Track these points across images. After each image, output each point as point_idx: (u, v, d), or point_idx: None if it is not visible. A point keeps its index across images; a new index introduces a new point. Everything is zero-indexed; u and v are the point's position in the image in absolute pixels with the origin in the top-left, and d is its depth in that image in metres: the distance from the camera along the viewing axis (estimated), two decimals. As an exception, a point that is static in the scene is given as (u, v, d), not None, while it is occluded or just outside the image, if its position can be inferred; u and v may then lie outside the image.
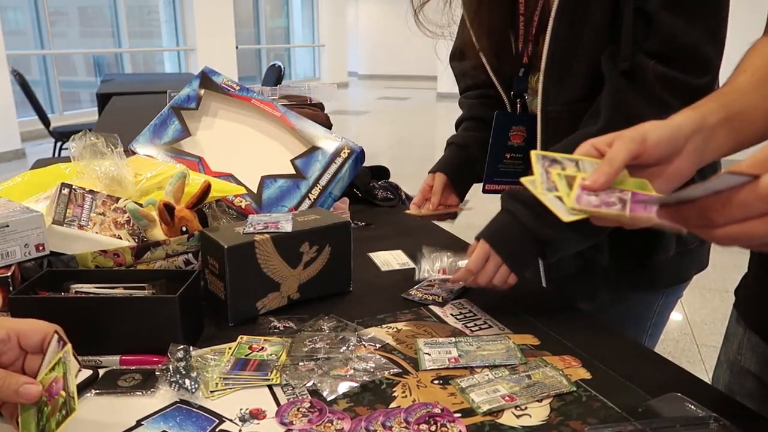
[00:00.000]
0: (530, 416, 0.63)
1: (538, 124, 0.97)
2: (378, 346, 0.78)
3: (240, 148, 1.19)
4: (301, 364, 0.72)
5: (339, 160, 1.15)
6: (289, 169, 1.15)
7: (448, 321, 0.85)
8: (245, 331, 0.81)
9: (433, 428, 0.61)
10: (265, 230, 0.86)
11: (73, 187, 0.90)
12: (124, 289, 0.80)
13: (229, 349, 0.76)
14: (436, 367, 0.72)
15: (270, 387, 0.69)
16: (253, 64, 12.18)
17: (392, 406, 0.65)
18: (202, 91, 1.23)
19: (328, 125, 1.42)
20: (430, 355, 0.75)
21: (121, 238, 0.89)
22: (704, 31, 0.83)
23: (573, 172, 0.58)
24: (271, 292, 0.87)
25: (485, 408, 0.64)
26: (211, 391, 0.68)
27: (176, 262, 0.87)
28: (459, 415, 0.63)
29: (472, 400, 0.65)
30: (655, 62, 0.83)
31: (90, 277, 0.81)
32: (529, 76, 1.04)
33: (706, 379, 0.71)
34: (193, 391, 0.67)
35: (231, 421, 0.63)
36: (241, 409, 0.65)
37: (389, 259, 1.09)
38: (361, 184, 1.45)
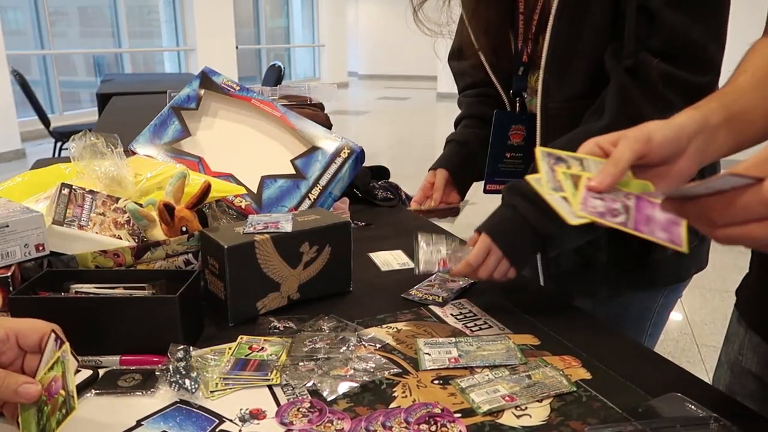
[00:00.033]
0: (530, 416, 0.63)
1: (538, 121, 0.97)
2: (378, 346, 0.78)
3: (240, 148, 1.19)
4: (301, 364, 0.72)
5: (339, 160, 1.15)
6: (289, 169, 1.15)
7: (448, 321, 0.85)
8: (245, 331, 0.81)
9: (434, 428, 0.61)
10: (265, 230, 0.86)
11: (73, 187, 0.90)
12: (124, 289, 0.80)
13: (229, 349, 0.76)
14: (436, 367, 0.72)
15: (270, 387, 0.69)
16: (253, 64, 12.18)
17: (392, 406, 0.65)
18: (202, 91, 1.23)
19: (328, 125, 1.42)
20: (430, 355, 0.75)
21: (121, 238, 0.89)
22: (707, 29, 0.83)
23: (578, 171, 0.58)
24: (271, 292, 0.87)
25: (485, 408, 0.64)
26: (211, 391, 0.68)
27: (176, 262, 0.87)
28: (459, 415, 0.63)
29: (473, 400, 0.65)
30: (658, 60, 0.83)
31: (90, 277, 0.81)
32: (528, 74, 1.04)
33: (706, 379, 0.71)
34: (193, 391, 0.67)
35: (231, 421, 0.63)
36: (241, 409, 0.65)
37: (389, 259, 1.09)
38: (361, 184, 1.45)
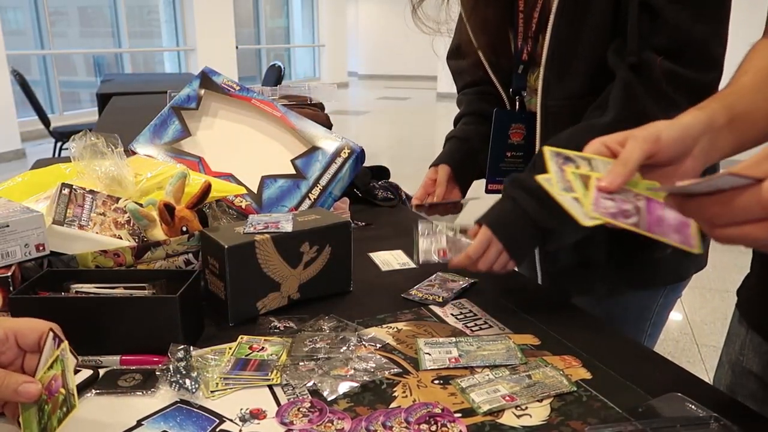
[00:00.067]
0: (530, 416, 0.63)
1: (538, 119, 0.97)
2: (378, 346, 0.78)
3: (240, 148, 1.19)
4: (301, 364, 0.72)
5: (339, 160, 1.15)
6: (289, 169, 1.15)
7: (449, 321, 0.85)
8: (245, 331, 0.81)
9: (434, 428, 0.61)
10: (265, 230, 0.86)
11: (74, 187, 0.90)
12: (125, 289, 0.80)
13: (230, 349, 0.76)
14: (437, 367, 0.72)
15: (270, 387, 0.69)
16: (253, 64, 12.18)
17: (393, 406, 0.65)
18: (202, 91, 1.23)
19: (328, 125, 1.42)
20: (430, 355, 0.75)
21: (121, 238, 0.89)
22: (710, 26, 0.83)
23: (587, 171, 0.57)
24: (272, 292, 0.87)
25: (485, 408, 0.64)
26: (212, 391, 0.68)
27: (176, 262, 0.87)
28: (459, 415, 0.63)
29: (473, 400, 0.65)
30: (662, 58, 0.83)
31: (90, 277, 0.81)
32: (528, 73, 1.04)
33: (706, 379, 0.71)
34: (194, 391, 0.67)
35: (231, 421, 0.63)
36: (242, 409, 0.65)
37: (389, 259, 1.09)
38: (361, 184, 1.45)
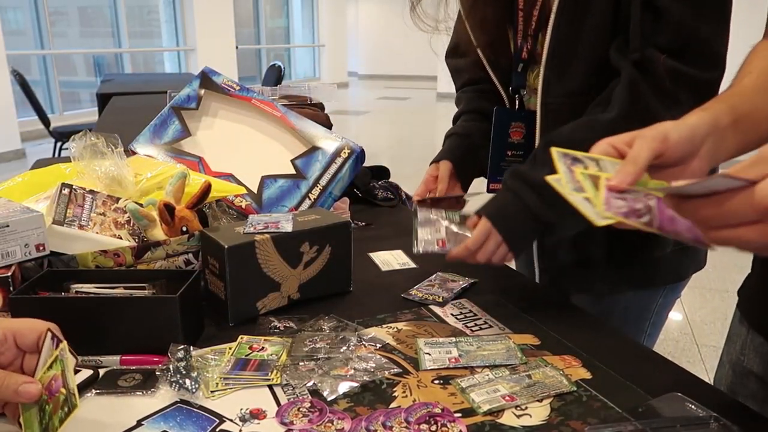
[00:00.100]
0: (530, 416, 0.63)
1: (538, 118, 0.97)
2: (378, 346, 0.78)
3: (240, 148, 1.19)
4: (301, 364, 0.72)
5: (339, 160, 1.15)
6: (289, 169, 1.15)
7: (449, 321, 0.85)
8: (245, 331, 0.81)
9: (434, 428, 0.61)
10: (265, 230, 0.86)
11: (74, 187, 0.90)
12: (125, 289, 0.80)
13: (230, 349, 0.76)
14: (437, 367, 0.72)
15: (270, 387, 0.69)
16: (253, 64, 12.18)
17: (393, 406, 0.65)
18: (202, 91, 1.23)
19: (328, 125, 1.42)
20: (430, 355, 0.75)
21: (121, 238, 0.89)
22: (713, 24, 0.83)
23: (596, 172, 0.57)
24: (272, 292, 0.87)
25: (485, 408, 0.64)
26: (212, 391, 0.68)
27: (176, 262, 0.87)
28: (459, 415, 0.63)
29: (473, 400, 0.65)
30: (665, 56, 0.83)
31: (90, 277, 0.81)
32: (527, 71, 1.04)
33: (706, 379, 0.71)
34: (194, 391, 0.67)
35: (231, 421, 0.63)
36: (242, 409, 0.65)
37: (389, 259, 1.09)
38: (361, 184, 1.45)
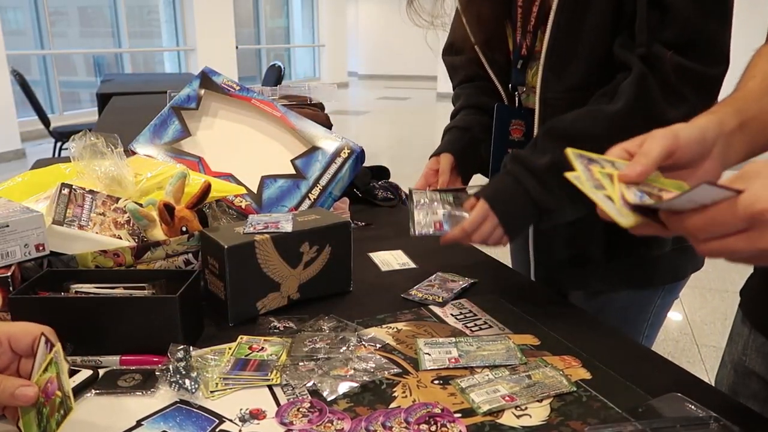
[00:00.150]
0: (530, 416, 0.63)
1: (536, 113, 0.97)
2: (378, 346, 0.78)
3: (240, 148, 1.19)
4: (301, 364, 0.72)
5: (339, 160, 1.15)
6: (289, 169, 1.15)
7: (448, 321, 0.85)
8: (245, 331, 0.81)
9: (434, 428, 0.61)
10: (265, 230, 0.86)
11: (73, 187, 0.90)
12: (124, 289, 0.80)
13: (229, 349, 0.76)
14: (437, 367, 0.72)
15: (270, 387, 0.69)
16: (253, 64, 12.18)
17: (392, 406, 0.65)
18: (202, 91, 1.23)
19: (328, 125, 1.42)
20: (430, 355, 0.75)
21: (121, 238, 0.89)
22: (718, 21, 0.84)
23: (612, 171, 0.57)
24: (271, 292, 0.87)
25: (485, 408, 0.64)
26: (211, 391, 0.68)
27: (176, 262, 0.87)
28: (459, 415, 0.63)
29: (473, 400, 0.65)
30: (672, 53, 0.83)
31: (90, 277, 0.81)
32: (526, 68, 1.04)
33: (706, 379, 0.71)
34: (193, 391, 0.67)
35: (231, 421, 0.63)
36: (241, 409, 0.65)
37: (389, 259, 1.09)
38: (361, 184, 1.45)
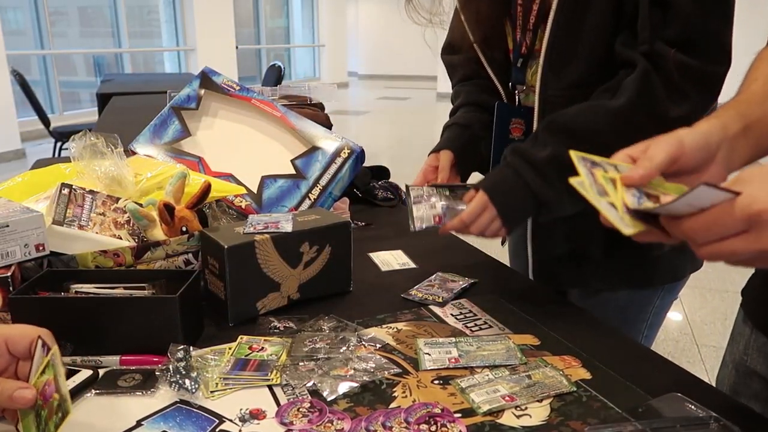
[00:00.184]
0: (530, 416, 0.63)
1: (536, 110, 0.97)
2: (378, 346, 0.78)
3: (240, 148, 1.19)
4: (301, 364, 0.72)
5: (339, 160, 1.15)
6: (289, 169, 1.15)
7: (448, 321, 0.85)
8: (245, 331, 0.81)
9: (434, 428, 0.61)
10: (265, 230, 0.86)
11: (73, 187, 0.90)
12: (124, 289, 0.80)
13: (229, 349, 0.76)
14: (437, 368, 0.72)
15: (270, 387, 0.69)
16: (253, 64, 12.18)
17: (392, 406, 0.65)
18: (202, 91, 1.23)
19: (328, 125, 1.42)
20: (430, 355, 0.75)
21: (121, 238, 0.89)
22: (720, 18, 0.84)
23: (615, 175, 0.56)
24: (271, 292, 0.87)
25: (485, 408, 0.64)
26: (211, 391, 0.68)
27: (176, 262, 0.87)
28: (459, 415, 0.63)
29: (473, 400, 0.65)
30: (675, 51, 0.83)
31: (90, 277, 0.81)
32: (526, 66, 1.04)
33: (706, 379, 0.71)
34: (193, 391, 0.67)
35: (231, 421, 0.63)
36: (241, 409, 0.65)
37: (389, 259, 1.09)
38: (361, 184, 1.45)
